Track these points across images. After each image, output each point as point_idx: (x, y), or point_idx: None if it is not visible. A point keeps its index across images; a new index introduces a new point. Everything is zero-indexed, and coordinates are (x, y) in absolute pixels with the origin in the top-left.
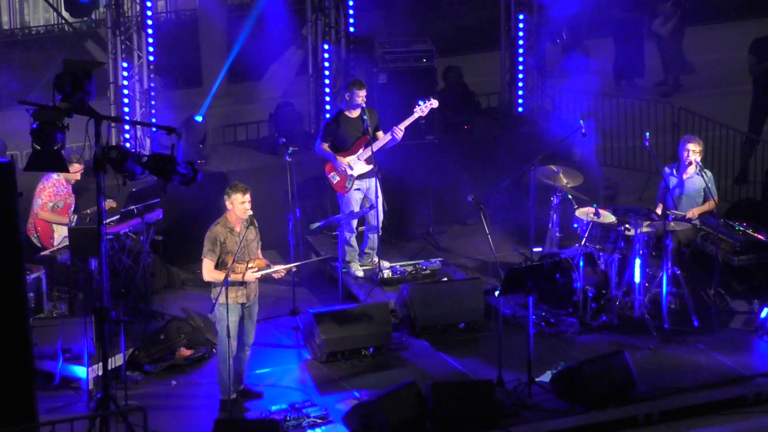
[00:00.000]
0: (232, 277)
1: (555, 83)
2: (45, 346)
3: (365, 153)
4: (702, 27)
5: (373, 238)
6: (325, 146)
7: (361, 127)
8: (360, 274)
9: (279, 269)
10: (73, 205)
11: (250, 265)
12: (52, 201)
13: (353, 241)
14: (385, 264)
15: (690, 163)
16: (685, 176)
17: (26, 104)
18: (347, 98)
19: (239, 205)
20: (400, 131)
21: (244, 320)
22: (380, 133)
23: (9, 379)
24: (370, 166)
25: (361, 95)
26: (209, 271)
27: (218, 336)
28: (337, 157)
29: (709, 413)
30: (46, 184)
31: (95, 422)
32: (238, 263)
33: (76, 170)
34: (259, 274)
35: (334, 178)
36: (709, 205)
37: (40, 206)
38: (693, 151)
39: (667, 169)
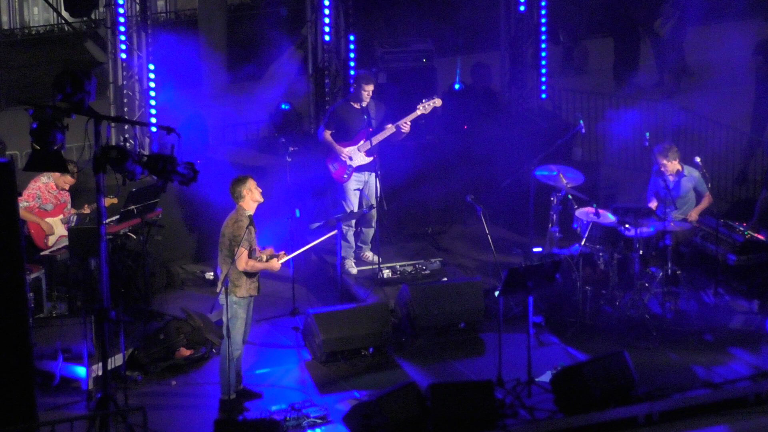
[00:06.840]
0: (259, 266)
1: (554, 83)
2: (45, 346)
3: (366, 145)
4: (702, 27)
5: (368, 233)
6: (327, 134)
7: (364, 119)
8: (354, 271)
9: (290, 257)
10: (68, 205)
11: (266, 255)
12: (28, 201)
13: (350, 236)
14: (385, 264)
15: (670, 174)
16: (672, 178)
17: (26, 104)
18: (354, 89)
19: (255, 189)
20: (406, 125)
21: (247, 317)
22: (389, 126)
23: (9, 379)
24: (370, 159)
25: (367, 90)
26: (245, 260)
27: (226, 333)
28: (338, 147)
29: (709, 413)
30: (31, 185)
31: (95, 422)
32: (259, 252)
33: (68, 178)
34: (284, 259)
35: (334, 167)
36: (705, 202)
37: None
38: (666, 163)
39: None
